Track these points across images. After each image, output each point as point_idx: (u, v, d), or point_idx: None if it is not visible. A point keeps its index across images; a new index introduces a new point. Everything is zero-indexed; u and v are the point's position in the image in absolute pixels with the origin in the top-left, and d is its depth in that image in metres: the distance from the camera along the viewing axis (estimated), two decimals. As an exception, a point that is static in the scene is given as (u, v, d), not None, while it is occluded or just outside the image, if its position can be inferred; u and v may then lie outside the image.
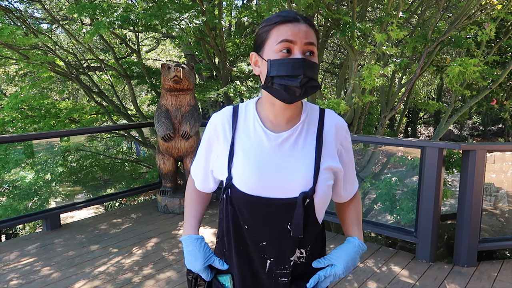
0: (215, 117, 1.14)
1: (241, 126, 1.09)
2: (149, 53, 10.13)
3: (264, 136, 1.05)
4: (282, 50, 0.98)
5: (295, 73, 0.96)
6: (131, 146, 8.31)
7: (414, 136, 15.03)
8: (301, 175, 1.02)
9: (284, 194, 1.02)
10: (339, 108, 3.88)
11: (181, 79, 3.93)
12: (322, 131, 1.08)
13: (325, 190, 1.05)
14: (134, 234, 3.72)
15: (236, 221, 1.07)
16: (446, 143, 3.18)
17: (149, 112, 9.20)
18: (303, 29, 0.98)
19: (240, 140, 1.07)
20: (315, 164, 1.03)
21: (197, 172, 1.22)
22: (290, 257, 1.07)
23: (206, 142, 1.15)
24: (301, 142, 1.05)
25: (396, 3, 4.74)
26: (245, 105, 1.13)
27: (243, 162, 1.04)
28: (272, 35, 0.99)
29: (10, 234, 8.35)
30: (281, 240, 1.04)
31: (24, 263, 3.12)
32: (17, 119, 6.38)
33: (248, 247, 1.08)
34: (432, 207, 3.04)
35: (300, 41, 0.97)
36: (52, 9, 8.33)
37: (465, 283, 2.79)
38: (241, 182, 1.03)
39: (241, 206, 1.04)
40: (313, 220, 1.06)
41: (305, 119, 1.08)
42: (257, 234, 1.05)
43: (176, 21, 4.30)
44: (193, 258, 1.14)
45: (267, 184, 1.02)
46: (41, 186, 6.00)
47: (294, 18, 0.99)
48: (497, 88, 5.52)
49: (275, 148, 1.04)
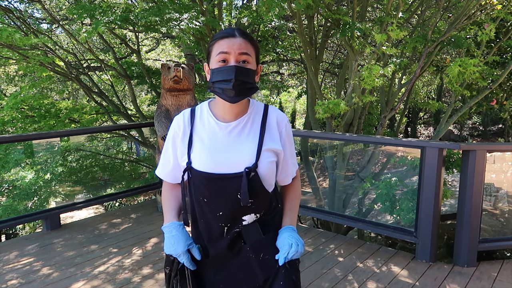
0: (176, 118, 1.36)
1: (197, 121, 1.33)
2: (149, 53, 10.14)
3: (216, 126, 1.29)
4: (220, 60, 1.21)
5: (228, 78, 1.18)
6: (131, 146, 8.32)
7: (414, 136, 15.03)
8: (245, 154, 1.25)
9: (233, 169, 1.24)
10: (339, 108, 3.88)
11: (181, 79, 3.93)
12: (266, 121, 1.31)
13: (267, 165, 1.26)
14: (134, 234, 3.71)
15: (197, 197, 1.28)
16: (446, 143, 3.18)
17: (149, 112, 9.20)
18: (237, 42, 1.21)
19: (197, 131, 1.31)
20: (258, 146, 1.26)
21: (166, 167, 1.40)
22: (242, 217, 1.27)
23: (171, 138, 1.36)
24: (247, 130, 1.29)
25: (396, 3, 4.74)
26: (200, 106, 1.36)
27: (200, 147, 1.27)
28: (214, 48, 1.23)
29: (10, 234, 8.35)
30: (235, 208, 1.25)
31: (24, 263, 3.12)
32: (17, 119, 6.37)
33: (207, 218, 1.29)
34: (432, 207, 3.04)
35: (234, 52, 1.20)
36: (52, 9, 8.33)
37: (465, 283, 2.79)
38: (199, 163, 1.26)
39: (200, 183, 1.26)
40: (261, 190, 1.26)
41: (251, 112, 1.31)
42: (214, 206, 1.26)
43: (176, 21, 4.30)
44: (176, 241, 1.28)
45: (218, 162, 1.24)
46: (41, 186, 6.01)
47: (230, 34, 1.22)
48: (497, 88, 5.52)
49: (225, 135, 1.27)
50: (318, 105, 4.25)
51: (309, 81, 5.63)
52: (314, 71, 5.52)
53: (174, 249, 1.27)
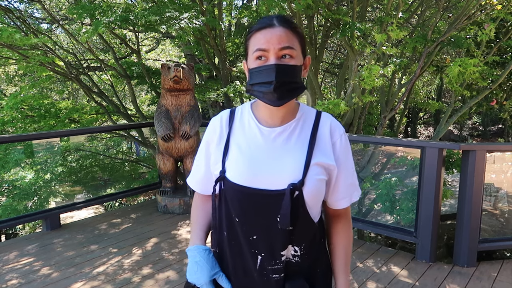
0: (213, 119, 1.19)
1: (237, 124, 1.15)
2: (149, 53, 10.13)
3: (258, 131, 1.10)
4: (257, 58, 1.03)
5: (267, 80, 1.01)
6: (131, 146, 8.32)
7: (414, 136, 15.03)
8: (290, 167, 1.05)
9: (274, 185, 1.04)
10: (339, 108, 3.88)
11: (181, 79, 3.93)
12: (317, 130, 1.11)
13: (315, 184, 1.06)
14: (134, 234, 3.71)
15: (228, 214, 1.09)
16: (446, 143, 3.18)
17: (149, 112, 9.20)
18: (277, 34, 1.01)
19: (235, 136, 1.12)
20: (306, 159, 1.06)
21: (196, 175, 1.23)
22: (280, 251, 1.07)
23: (205, 143, 1.19)
24: (294, 138, 1.09)
25: (396, 3, 4.74)
26: (241, 107, 1.18)
27: (237, 155, 1.09)
28: (250, 44, 1.05)
29: (10, 234, 8.34)
30: (271, 234, 1.05)
31: (23, 263, 3.12)
32: (17, 119, 6.37)
33: (239, 241, 1.09)
34: (432, 207, 3.04)
35: (273, 47, 1.01)
36: (52, 9, 8.33)
37: (465, 283, 2.79)
38: (234, 173, 1.07)
39: (233, 197, 1.07)
40: (304, 215, 1.07)
41: (300, 117, 1.12)
42: (248, 227, 1.07)
43: (176, 20, 4.30)
44: (200, 269, 1.09)
45: (257, 175, 1.05)
46: (41, 186, 6.01)
47: (268, 24, 1.02)
48: (497, 88, 5.51)
49: (268, 142, 1.09)
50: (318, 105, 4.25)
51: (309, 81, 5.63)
52: (314, 71, 5.52)
53: (196, 277, 1.09)
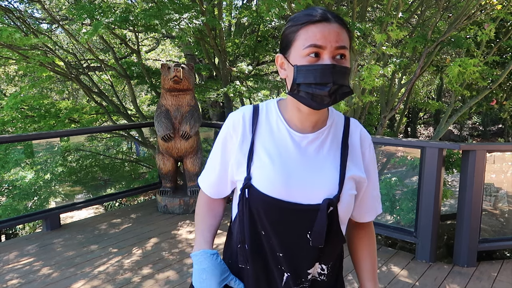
0: (233, 115, 1.05)
1: (262, 124, 1.01)
2: (149, 53, 10.13)
3: (289, 137, 0.98)
4: (309, 54, 0.89)
5: (323, 81, 0.88)
6: (131, 146, 8.31)
7: (414, 136, 15.03)
8: (328, 181, 0.95)
9: (307, 199, 0.94)
10: (339, 108, 3.88)
11: (181, 79, 3.93)
12: (348, 138, 1.02)
13: (349, 199, 0.98)
14: (134, 234, 3.72)
15: (253, 227, 0.98)
16: (446, 143, 3.18)
17: (149, 112, 9.21)
18: (334, 30, 0.89)
19: (262, 139, 0.99)
20: (340, 171, 0.97)
21: (210, 177, 1.10)
22: (307, 269, 0.98)
23: (222, 141, 1.05)
24: (327, 147, 0.99)
25: (396, 3, 4.74)
26: (265, 105, 1.05)
27: (266, 162, 0.96)
28: (299, 37, 0.91)
29: (10, 234, 8.34)
30: (300, 251, 0.96)
31: (24, 263, 3.12)
32: (17, 119, 6.38)
33: (265, 257, 0.98)
34: (432, 207, 3.04)
35: (330, 45, 0.88)
36: (52, 9, 8.33)
37: (465, 283, 2.79)
38: (263, 183, 0.95)
39: (260, 209, 0.95)
40: (336, 232, 0.97)
41: (331, 124, 1.01)
42: (275, 242, 0.96)
43: (176, 22, 4.31)
44: (208, 277, 0.99)
45: (291, 187, 0.94)
46: (41, 186, 6.00)
47: (324, 18, 0.90)
48: (497, 88, 5.52)
49: (300, 150, 0.97)
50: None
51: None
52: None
53: (206, 285, 0.98)
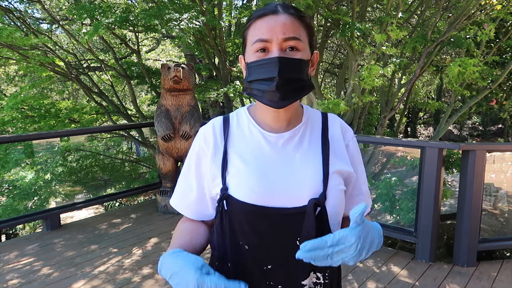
0: (203, 128, 0.99)
1: (234, 132, 0.95)
2: (149, 53, 10.13)
3: (263, 139, 0.92)
4: (258, 50, 0.86)
5: (268, 76, 0.84)
6: (131, 146, 8.32)
7: (413, 136, 15.02)
8: (311, 179, 0.88)
9: (291, 202, 0.86)
10: (339, 108, 3.88)
11: (181, 79, 3.93)
12: (327, 132, 0.95)
13: (338, 196, 0.90)
14: (134, 234, 3.72)
15: (234, 241, 0.88)
16: (446, 143, 3.18)
17: (149, 112, 9.21)
18: (281, 21, 0.84)
19: (235, 146, 0.93)
20: (323, 166, 0.90)
21: (187, 197, 0.99)
22: (301, 281, 0.88)
23: (195, 157, 0.97)
24: (306, 143, 0.92)
25: (396, 3, 4.74)
26: (235, 113, 1.00)
27: (241, 167, 0.90)
28: (249, 33, 0.88)
29: (10, 234, 8.35)
30: (290, 262, 0.84)
31: (24, 263, 3.12)
32: (17, 119, 6.38)
33: (250, 273, 0.88)
34: (432, 207, 3.04)
35: (277, 37, 0.83)
36: (52, 9, 8.34)
37: (465, 283, 2.79)
38: (241, 190, 0.87)
39: (241, 220, 0.87)
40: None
41: (307, 120, 0.96)
42: (261, 255, 0.87)
43: (176, 22, 4.31)
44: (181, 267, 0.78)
45: (271, 190, 0.86)
46: (41, 186, 6.01)
47: (271, 11, 0.86)
48: (497, 88, 5.52)
49: (276, 150, 0.91)
50: (317, 105, 4.25)
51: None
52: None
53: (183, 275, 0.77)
